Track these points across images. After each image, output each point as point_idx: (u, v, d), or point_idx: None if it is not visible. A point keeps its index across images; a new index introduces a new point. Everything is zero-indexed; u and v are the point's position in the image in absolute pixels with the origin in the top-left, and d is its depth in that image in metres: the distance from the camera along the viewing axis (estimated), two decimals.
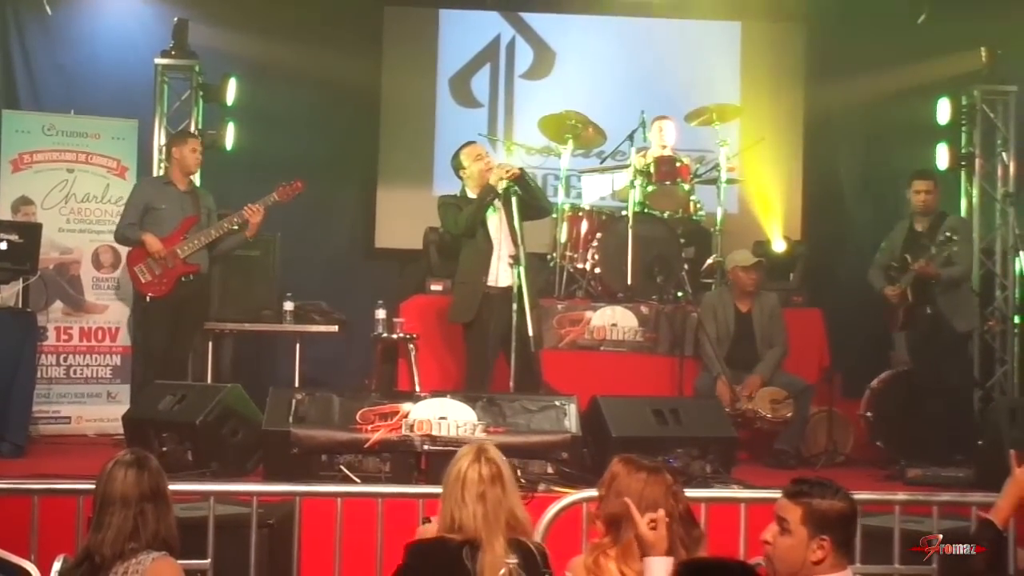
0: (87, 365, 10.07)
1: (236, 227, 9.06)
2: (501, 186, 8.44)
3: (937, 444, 8.44)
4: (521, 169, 8.71)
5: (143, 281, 8.90)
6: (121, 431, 8.42)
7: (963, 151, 10.75)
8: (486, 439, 6.55)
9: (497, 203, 8.54)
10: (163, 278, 8.87)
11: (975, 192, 10.70)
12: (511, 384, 8.16)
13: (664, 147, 10.52)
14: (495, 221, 8.56)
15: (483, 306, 8.46)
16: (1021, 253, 8.64)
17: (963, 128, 10.81)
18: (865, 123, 12.13)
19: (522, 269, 8.20)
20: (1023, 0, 10.66)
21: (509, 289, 8.34)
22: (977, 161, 10.74)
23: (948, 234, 8.72)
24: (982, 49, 10.73)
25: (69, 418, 9.95)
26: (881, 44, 11.58)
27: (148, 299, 8.96)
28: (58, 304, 9.99)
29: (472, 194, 8.64)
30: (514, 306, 8.15)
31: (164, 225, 8.97)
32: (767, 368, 9.17)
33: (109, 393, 10.07)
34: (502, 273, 8.45)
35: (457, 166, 8.85)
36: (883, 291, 9.16)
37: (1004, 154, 10.72)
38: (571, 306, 9.79)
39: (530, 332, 8.11)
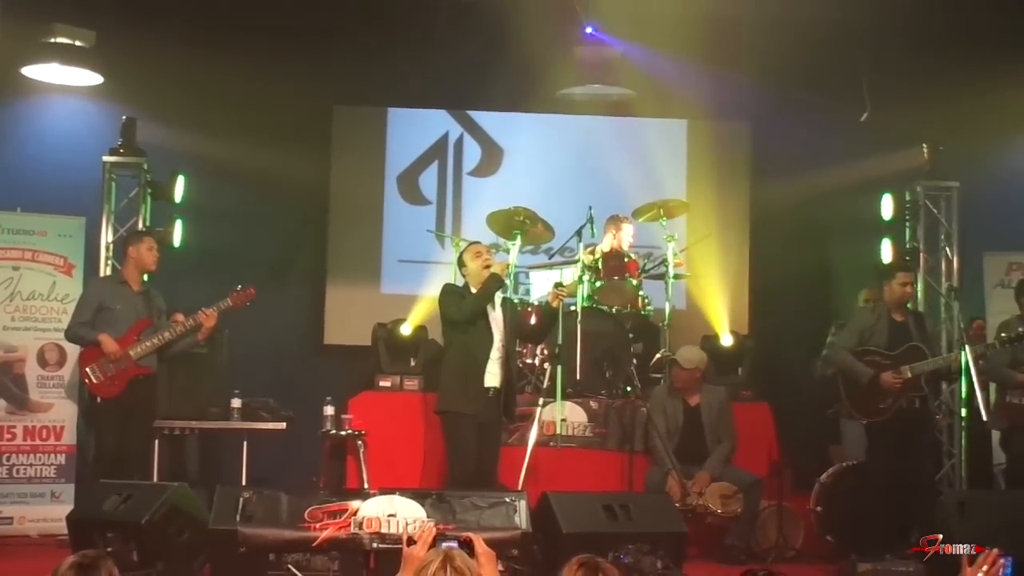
0: (31, 464, 9.91)
1: (188, 329, 8.93)
2: (505, 275, 8.67)
3: (887, 538, 8.44)
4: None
5: (94, 382, 8.74)
6: (65, 532, 8.28)
7: (907, 246, 10.88)
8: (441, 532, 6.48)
9: (499, 308, 8.63)
10: (115, 379, 8.73)
11: (920, 286, 10.74)
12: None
13: (618, 245, 10.63)
14: (496, 320, 8.60)
15: (474, 400, 8.44)
16: (967, 347, 8.68)
17: (907, 223, 10.95)
18: (810, 219, 12.26)
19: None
20: (963, 98, 10.85)
21: (496, 390, 8.48)
22: (921, 256, 10.86)
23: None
24: (924, 146, 10.91)
25: (11, 519, 9.79)
26: (825, 141, 11.78)
27: (99, 400, 8.82)
28: (1, 403, 9.87)
29: (475, 290, 8.61)
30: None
31: (117, 325, 8.85)
32: (716, 464, 9.15)
33: (53, 493, 9.91)
34: (491, 373, 8.48)
35: (460, 264, 8.90)
36: (879, 377, 8.91)
37: (947, 249, 10.87)
38: (520, 401, 9.76)
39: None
